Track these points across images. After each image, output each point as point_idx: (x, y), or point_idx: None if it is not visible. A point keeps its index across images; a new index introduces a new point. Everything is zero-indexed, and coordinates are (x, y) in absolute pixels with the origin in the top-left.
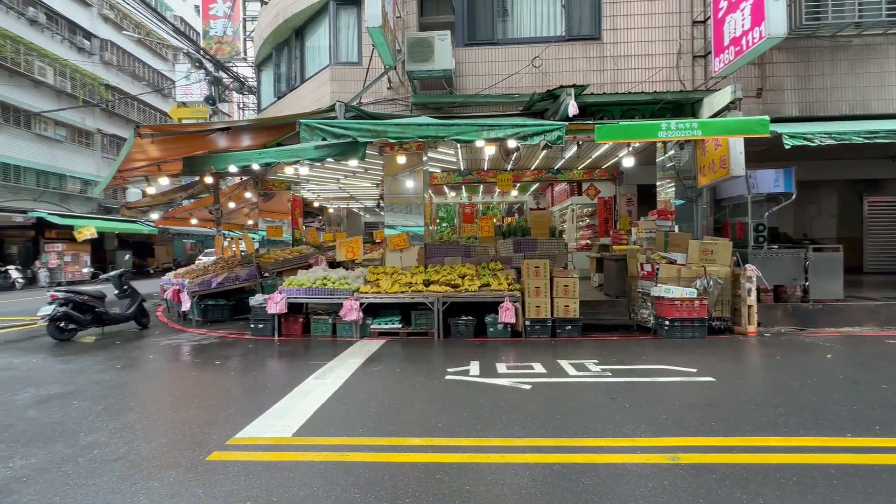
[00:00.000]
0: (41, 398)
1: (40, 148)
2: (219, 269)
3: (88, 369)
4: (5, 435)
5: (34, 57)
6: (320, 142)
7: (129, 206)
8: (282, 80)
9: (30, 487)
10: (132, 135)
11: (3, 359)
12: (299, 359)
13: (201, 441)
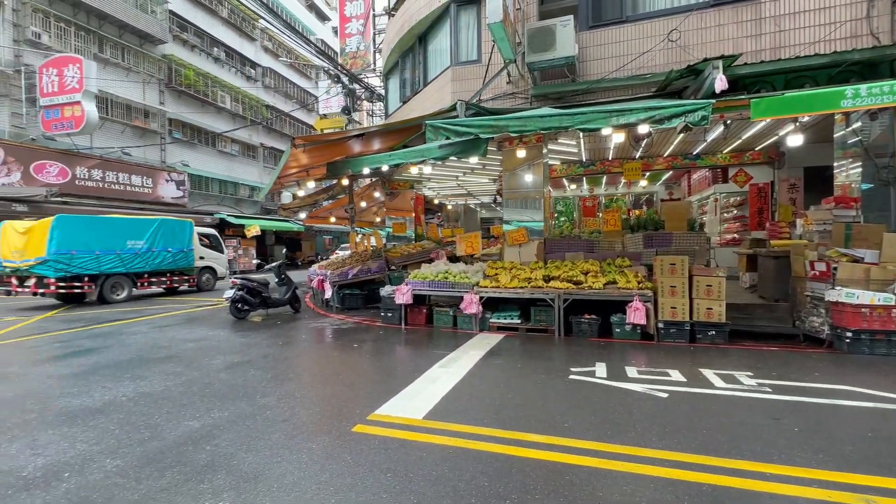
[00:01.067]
0: (229, 364)
1: (221, 161)
2: (353, 262)
3: (259, 343)
4: (208, 391)
5: (217, 88)
6: (444, 141)
7: (285, 208)
8: (406, 86)
9: (225, 434)
10: (289, 146)
11: (201, 331)
12: (424, 347)
13: (346, 413)
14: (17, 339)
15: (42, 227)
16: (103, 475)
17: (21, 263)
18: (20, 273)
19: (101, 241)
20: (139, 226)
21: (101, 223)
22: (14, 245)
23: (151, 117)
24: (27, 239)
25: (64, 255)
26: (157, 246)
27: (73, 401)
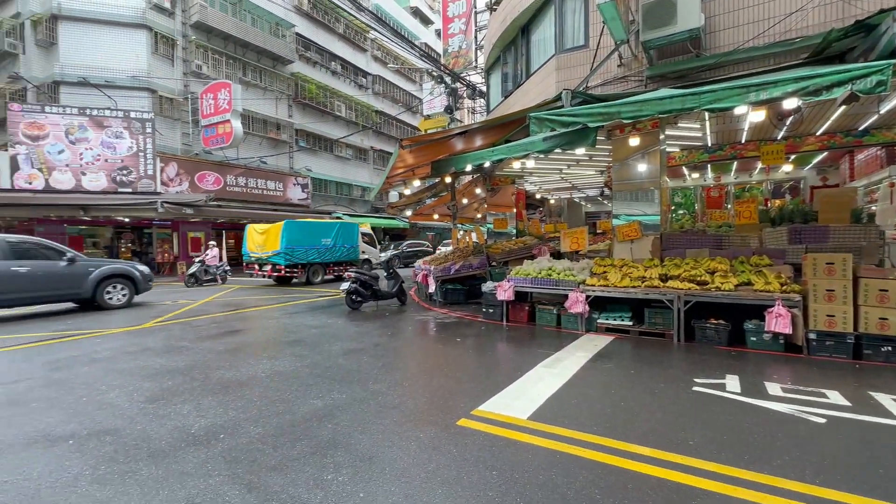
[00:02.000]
0: (345, 350)
1: (337, 165)
2: (455, 257)
3: (370, 333)
4: (328, 374)
5: (334, 98)
6: (548, 133)
7: (392, 206)
8: (508, 80)
9: (343, 415)
10: (397, 147)
11: (322, 319)
12: (527, 345)
13: (451, 406)
14: (186, 320)
15: (276, 228)
16: (248, 440)
17: (262, 254)
18: (261, 261)
19: (309, 239)
20: (329, 228)
21: (308, 226)
22: (256, 241)
23: (282, 129)
24: (265, 237)
25: (290, 249)
26: (338, 242)
27: (225, 373)
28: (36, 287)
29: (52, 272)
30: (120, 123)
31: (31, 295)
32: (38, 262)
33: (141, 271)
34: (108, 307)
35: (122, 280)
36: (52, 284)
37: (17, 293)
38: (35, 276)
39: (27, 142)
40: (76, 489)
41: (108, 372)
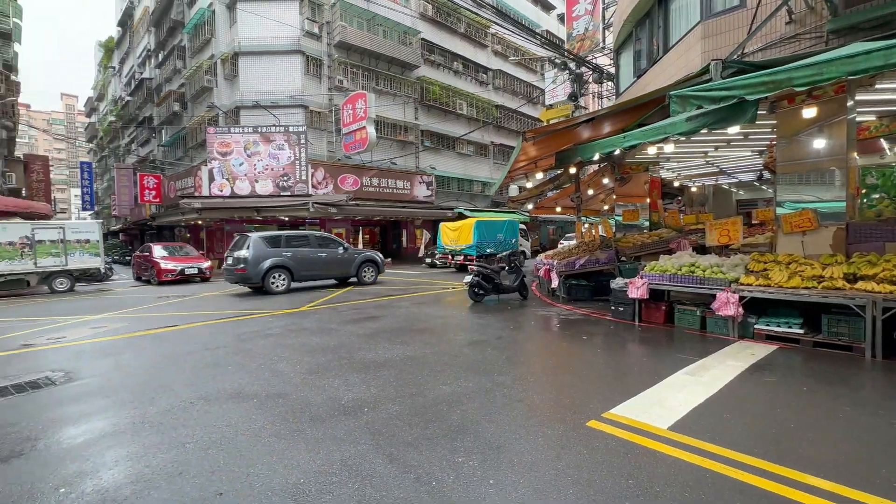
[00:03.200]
0: (470, 341)
1: (459, 162)
2: (580, 252)
3: (492, 325)
4: (454, 362)
5: (456, 97)
6: (693, 112)
7: (513, 200)
8: (641, 58)
9: (471, 403)
10: (520, 140)
11: (446, 310)
12: (664, 348)
13: (579, 406)
14: (332, 306)
15: (466, 226)
16: (387, 416)
17: (455, 247)
18: (454, 252)
19: (490, 234)
20: (501, 225)
21: (490, 224)
22: (450, 237)
23: (409, 131)
24: (458, 234)
25: (479, 243)
26: (507, 236)
27: (366, 355)
28: (328, 268)
29: (337, 258)
30: (282, 137)
31: (325, 273)
32: (330, 249)
33: (381, 258)
34: (364, 284)
35: (371, 264)
36: (337, 267)
37: (318, 271)
38: (328, 260)
39: (219, 157)
40: (260, 438)
41: (278, 346)
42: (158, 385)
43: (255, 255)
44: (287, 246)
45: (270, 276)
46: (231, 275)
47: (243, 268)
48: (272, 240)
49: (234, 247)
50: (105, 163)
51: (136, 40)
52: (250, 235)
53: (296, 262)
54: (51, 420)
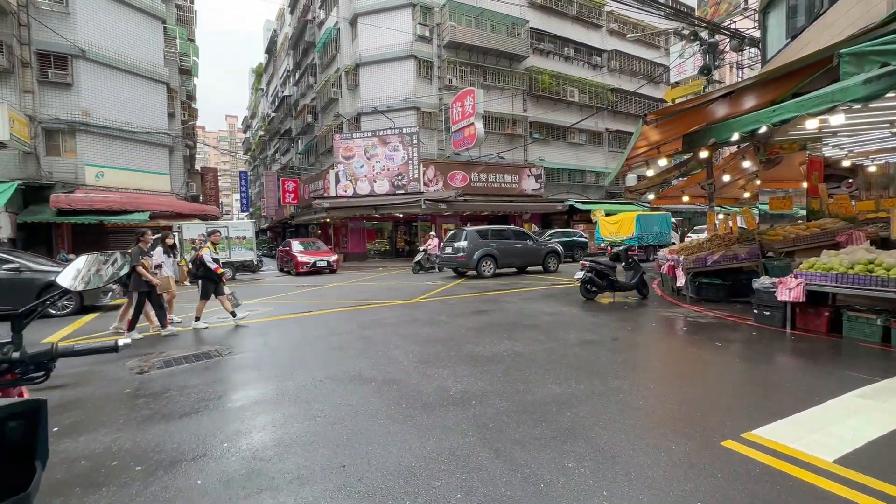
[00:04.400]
0: (581, 341)
1: (570, 152)
2: (714, 246)
3: (607, 325)
4: (564, 362)
5: (567, 84)
6: (877, 71)
7: (631, 190)
8: (797, 14)
9: (582, 406)
10: (639, 124)
11: (555, 306)
12: (827, 364)
13: (712, 422)
14: (441, 298)
15: (626, 219)
16: (495, 411)
17: (616, 239)
18: (614, 244)
19: (649, 227)
20: (657, 218)
21: (649, 217)
22: (609, 230)
23: (517, 124)
24: (617, 227)
25: (641, 235)
26: (661, 229)
27: (474, 348)
28: (522, 257)
29: (529, 249)
30: (396, 139)
31: (520, 262)
32: (523, 242)
33: (561, 250)
34: (548, 272)
35: (555, 255)
36: (529, 256)
37: (515, 260)
38: (523, 250)
39: (343, 161)
40: (377, 420)
41: (392, 334)
42: (295, 363)
43: (471, 246)
44: (492, 238)
45: (482, 263)
46: (450, 262)
47: (462, 256)
48: (482, 233)
49: (452, 238)
50: (257, 171)
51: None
52: (466, 229)
53: (500, 252)
54: (217, 386)
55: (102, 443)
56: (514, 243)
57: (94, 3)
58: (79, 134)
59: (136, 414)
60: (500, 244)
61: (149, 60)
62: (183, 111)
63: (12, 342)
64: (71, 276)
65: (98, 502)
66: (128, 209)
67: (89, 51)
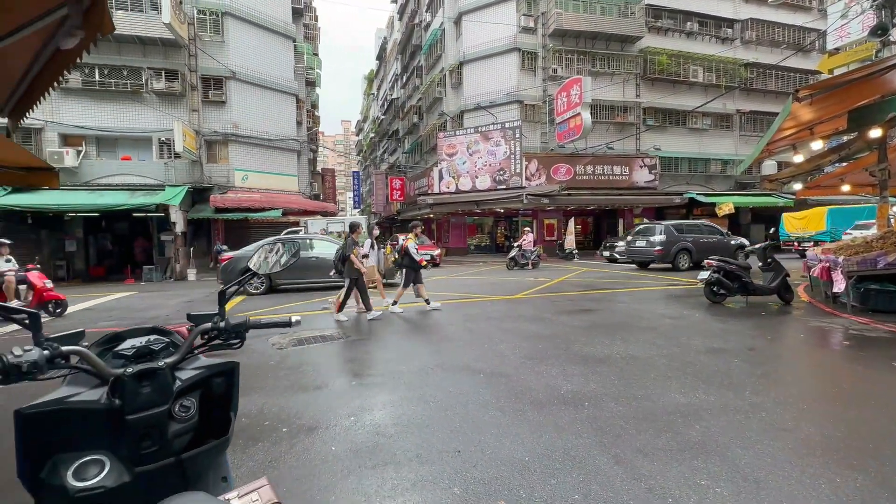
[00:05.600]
0: (708, 348)
1: (691, 139)
2: (889, 245)
3: (740, 333)
4: (689, 370)
5: (689, 64)
6: None
7: (770, 179)
8: None
9: (715, 420)
10: (789, 102)
11: (676, 309)
12: None
13: (887, 454)
14: (545, 295)
15: (814, 214)
16: (610, 415)
17: (804, 234)
18: (801, 239)
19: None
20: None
21: (841, 211)
22: (795, 226)
23: (628, 111)
24: (804, 222)
25: (831, 230)
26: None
27: (583, 348)
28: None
29: (721, 244)
30: (498, 134)
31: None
32: (714, 236)
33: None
34: None
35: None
36: (721, 251)
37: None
38: (716, 245)
39: (446, 158)
40: (487, 411)
41: (497, 329)
42: (407, 350)
43: (668, 240)
44: (686, 233)
45: (679, 257)
46: (644, 255)
47: (661, 250)
48: (677, 228)
49: (643, 233)
50: (367, 170)
51: (388, 69)
52: (662, 224)
53: (695, 246)
54: (341, 364)
55: (256, 405)
56: (706, 238)
57: (242, 31)
58: (230, 143)
59: (280, 383)
60: (694, 239)
61: (282, 76)
62: (308, 119)
63: (219, 314)
64: (254, 262)
65: (257, 453)
66: (265, 207)
67: (238, 72)
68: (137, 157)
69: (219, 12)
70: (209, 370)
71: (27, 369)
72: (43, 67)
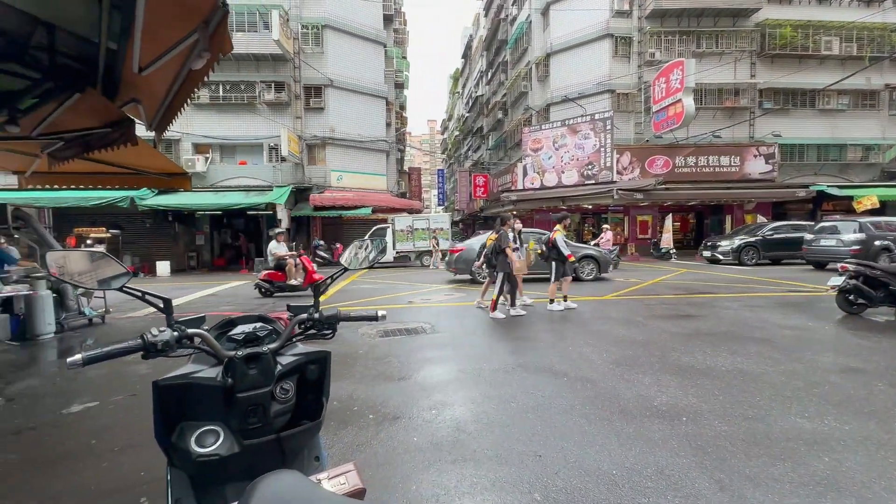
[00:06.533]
0: (842, 367)
1: (821, 122)
2: None
3: (886, 351)
4: (815, 391)
5: (820, 34)
6: None
7: None
8: None
9: (849, 454)
10: None
11: (797, 319)
12: None
13: None
14: (638, 297)
15: None
16: (713, 433)
17: None
18: None
19: None
20: None
21: None
22: None
23: (741, 94)
24: None
25: None
26: None
27: (681, 357)
28: None
29: None
30: (587, 126)
31: None
32: None
33: None
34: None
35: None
36: None
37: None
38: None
39: (531, 153)
40: (571, 417)
41: (583, 331)
42: (488, 347)
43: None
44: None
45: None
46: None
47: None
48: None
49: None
50: (451, 168)
51: (473, 66)
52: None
53: None
54: (423, 357)
55: (346, 391)
56: None
57: (338, 41)
58: (327, 146)
59: (367, 372)
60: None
61: (373, 80)
62: (396, 120)
63: (314, 306)
64: (345, 258)
65: (346, 436)
66: (357, 205)
67: (335, 80)
68: (251, 161)
69: (319, 25)
70: (305, 357)
71: (161, 347)
72: (180, 87)
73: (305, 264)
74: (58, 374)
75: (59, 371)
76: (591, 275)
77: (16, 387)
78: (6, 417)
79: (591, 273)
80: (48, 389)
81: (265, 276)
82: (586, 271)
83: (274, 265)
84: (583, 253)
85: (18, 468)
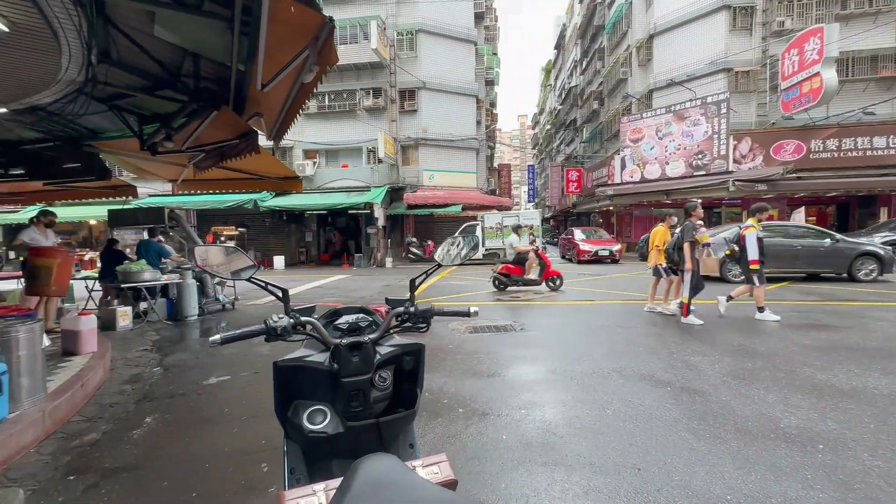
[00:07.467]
0: None
1: None
2: None
3: None
4: None
5: None
6: None
7: None
8: None
9: None
10: None
11: None
12: None
13: None
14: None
15: None
16: (860, 467)
17: None
18: None
19: None
20: None
21: None
22: None
23: None
24: None
25: None
26: None
27: (816, 374)
28: None
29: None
30: (697, 111)
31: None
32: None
33: None
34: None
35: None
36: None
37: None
38: None
39: (630, 144)
40: (676, 430)
41: (691, 337)
42: (581, 348)
43: None
44: None
45: None
46: None
47: None
48: None
49: None
50: (542, 164)
51: (566, 56)
52: None
53: None
54: (513, 356)
55: (437, 384)
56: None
57: (431, 43)
58: (420, 147)
59: (457, 367)
60: None
61: (464, 79)
62: (486, 117)
63: (410, 300)
64: (438, 255)
65: (436, 427)
66: (448, 203)
67: (427, 82)
68: (352, 164)
69: (413, 31)
70: (402, 348)
71: (280, 332)
72: (294, 99)
73: (543, 259)
74: (200, 351)
75: (202, 348)
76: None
77: (171, 359)
78: (165, 384)
79: (872, 274)
80: (193, 363)
81: (502, 269)
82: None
83: (514, 259)
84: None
85: (173, 426)
